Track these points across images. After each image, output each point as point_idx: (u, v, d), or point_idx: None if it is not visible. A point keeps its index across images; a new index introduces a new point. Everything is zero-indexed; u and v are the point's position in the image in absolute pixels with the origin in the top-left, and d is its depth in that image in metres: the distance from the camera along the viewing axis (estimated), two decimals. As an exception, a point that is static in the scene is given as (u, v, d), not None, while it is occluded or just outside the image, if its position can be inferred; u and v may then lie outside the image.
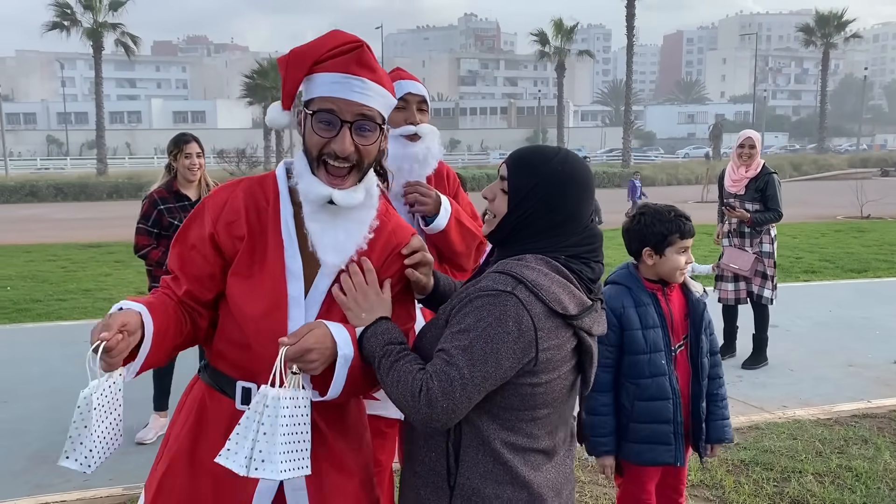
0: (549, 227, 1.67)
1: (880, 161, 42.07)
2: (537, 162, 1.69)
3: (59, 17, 33.16)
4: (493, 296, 1.56)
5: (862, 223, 16.71)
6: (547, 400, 1.64)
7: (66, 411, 5.20)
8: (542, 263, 1.64)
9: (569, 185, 1.68)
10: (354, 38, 1.66)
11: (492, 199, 1.75)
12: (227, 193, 1.72)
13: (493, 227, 1.74)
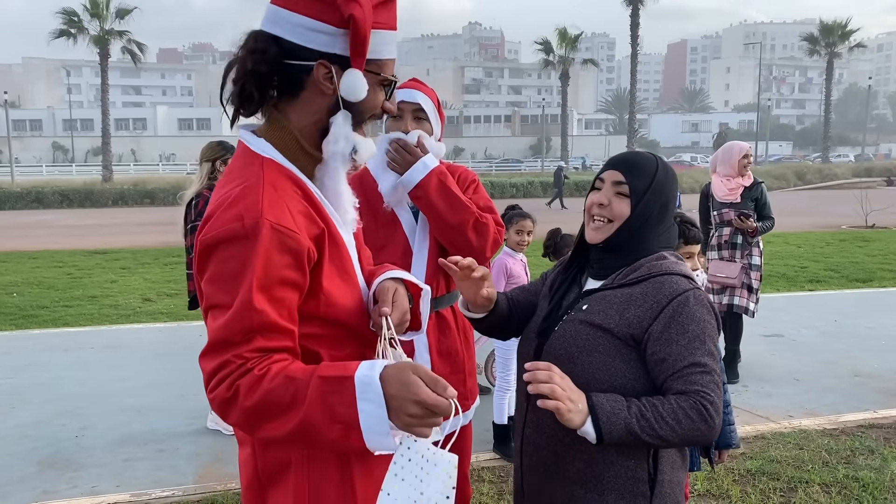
0: (661, 223, 1.79)
1: (884, 170, 42.02)
2: (649, 165, 1.80)
3: (66, 25, 33.34)
4: (691, 296, 1.67)
5: (866, 233, 16.67)
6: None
7: (73, 417, 5.26)
8: (675, 258, 1.79)
9: (674, 183, 1.82)
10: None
11: (607, 205, 1.78)
12: (278, 206, 1.39)
13: (612, 231, 1.77)
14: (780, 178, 37.43)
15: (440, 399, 1.28)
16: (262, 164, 1.44)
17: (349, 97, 1.44)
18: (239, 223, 1.34)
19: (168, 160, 61.86)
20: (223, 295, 1.35)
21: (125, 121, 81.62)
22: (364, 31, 1.39)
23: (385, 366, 1.32)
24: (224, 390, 1.32)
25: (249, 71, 1.41)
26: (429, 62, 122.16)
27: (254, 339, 1.33)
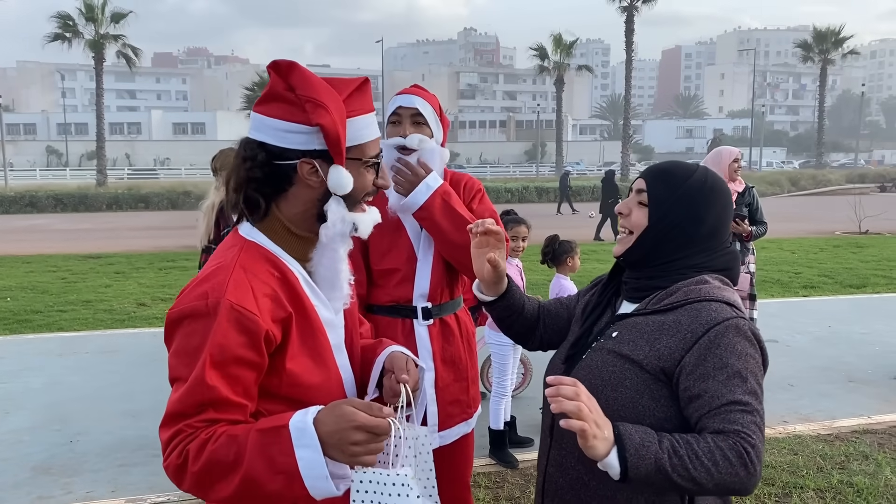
0: (691, 241, 1.61)
1: (878, 177, 42.23)
2: (679, 173, 1.64)
3: (61, 29, 33.30)
4: (731, 326, 1.48)
5: (860, 239, 16.74)
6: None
7: (68, 423, 5.24)
8: (721, 282, 1.60)
9: (715, 196, 1.63)
10: (350, 79, 1.60)
11: (627, 214, 1.66)
12: (243, 288, 1.45)
13: (631, 243, 1.64)
14: (773, 185, 37.57)
15: (379, 420, 1.34)
16: (241, 246, 1.52)
17: (337, 191, 1.52)
18: (203, 301, 1.42)
19: (162, 164, 61.78)
20: (183, 369, 1.41)
21: (120, 125, 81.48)
22: (335, 134, 1.48)
23: (319, 409, 1.39)
24: (176, 457, 1.38)
25: (246, 179, 1.52)
26: (424, 67, 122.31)
27: (205, 411, 1.40)
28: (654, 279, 1.62)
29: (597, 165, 61.87)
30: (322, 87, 1.49)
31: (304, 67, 1.52)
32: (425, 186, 2.49)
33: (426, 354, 2.58)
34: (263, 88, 1.58)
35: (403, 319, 2.58)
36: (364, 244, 2.53)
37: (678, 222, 1.60)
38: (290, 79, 1.50)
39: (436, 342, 2.60)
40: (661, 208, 1.61)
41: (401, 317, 2.58)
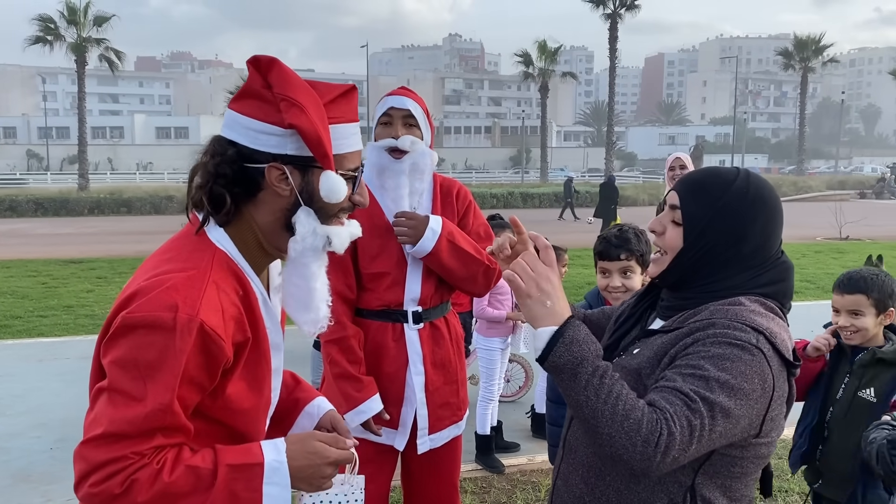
0: (735, 260, 1.45)
1: (857, 183, 42.75)
2: (717, 185, 1.46)
3: (43, 32, 32.98)
4: (739, 347, 1.34)
5: (841, 244, 16.92)
6: (769, 458, 1.48)
7: (48, 429, 5.17)
8: (761, 306, 1.43)
9: (758, 209, 1.44)
10: (337, 84, 1.51)
11: (661, 233, 1.51)
12: (215, 308, 1.35)
13: (666, 265, 1.49)
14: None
15: (344, 452, 1.43)
16: (213, 255, 1.40)
17: (329, 199, 1.42)
18: (171, 314, 1.29)
19: (145, 169, 61.35)
20: (132, 384, 1.28)
21: (102, 129, 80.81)
22: (315, 135, 1.36)
23: (286, 444, 1.39)
24: (116, 486, 1.26)
25: (213, 174, 1.40)
26: (409, 73, 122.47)
27: (154, 436, 1.29)
28: (689, 299, 1.49)
29: (580, 172, 62.17)
30: (301, 88, 1.39)
31: (286, 66, 1.41)
32: (431, 232, 2.50)
33: (417, 358, 2.58)
34: (246, 89, 1.48)
35: (394, 323, 2.57)
36: (354, 248, 2.52)
37: (717, 242, 1.44)
38: (269, 76, 1.40)
39: (426, 346, 2.60)
40: (696, 228, 1.45)
41: (391, 321, 2.57)
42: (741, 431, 1.36)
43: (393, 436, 2.60)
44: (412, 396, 2.58)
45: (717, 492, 1.43)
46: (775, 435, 1.44)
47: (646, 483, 1.42)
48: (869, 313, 2.58)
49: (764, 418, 1.38)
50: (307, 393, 1.71)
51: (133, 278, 1.42)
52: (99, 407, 1.31)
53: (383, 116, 2.52)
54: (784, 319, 1.47)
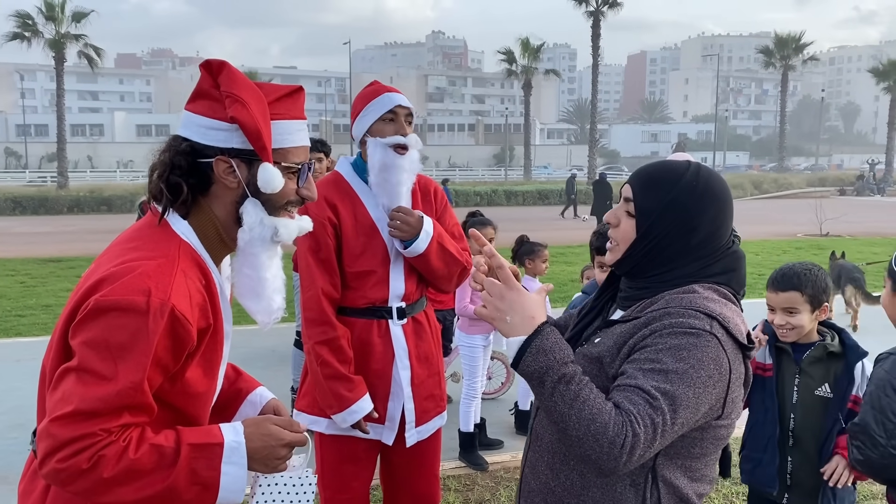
0: (687, 250, 1.51)
1: (837, 180, 43.21)
2: (667, 178, 1.52)
3: (20, 28, 32.56)
4: (693, 335, 1.39)
5: (821, 240, 17.08)
6: (728, 438, 1.53)
7: (26, 430, 5.06)
8: (714, 293, 1.49)
9: (707, 202, 1.50)
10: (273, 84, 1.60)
11: (616, 225, 1.57)
12: (184, 295, 1.43)
13: (620, 255, 1.56)
14: (737, 188, 38.20)
15: (298, 435, 1.52)
16: (179, 246, 1.48)
17: (265, 190, 1.50)
18: (144, 298, 1.35)
19: (126, 167, 60.81)
20: (101, 363, 1.33)
21: (81, 126, 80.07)
22: (254, 127, 1.45)
23: (244, 426, 1.48)
24: (83, 461, 1.31)
25: (169, 165, 1.49)
26: (392, 70, 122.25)
27: (122, 415, 1.35)
28: (645, 288, 1.55)
29: (564, 169, 62.38)
30: (246, 86, 1.49)
31: (236, 68, 1.52)
32: (425, 234, 2.56)
33: (402, 353, 2.62)
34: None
35: (379, 320, 2.60)
36: (339, 246, 2.55)
37: (668, 234, 1.51)
38: (219, 77, 1.50)
39: (410, 340, 2.64)
40: (648, 220, 1.52)
41: (376, 318, 2.60)
42: (703, 416, 1.42)
43: (381, 431, 2.62)
44: (399, 391, 2.61)
45: (678, 472, 1.48)
46: (735, 416, 1.51)
47: None
48: (804, 310, 2.50)
49: (724, 401, 1.44)
50: (248, 383, 1.78)
51: (95, 265, 1.48)
52: (67, 386, 1.34)
53: (388, 113, 2.54)
54: (738, 305, 1.54)
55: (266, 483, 1.55)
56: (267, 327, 1.66)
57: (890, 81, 45.12)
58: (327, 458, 2.64)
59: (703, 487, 1.53)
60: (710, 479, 1.55)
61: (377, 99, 2.55)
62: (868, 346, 2.58)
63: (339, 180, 2.62)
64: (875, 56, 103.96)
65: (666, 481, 1.46)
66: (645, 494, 1.46)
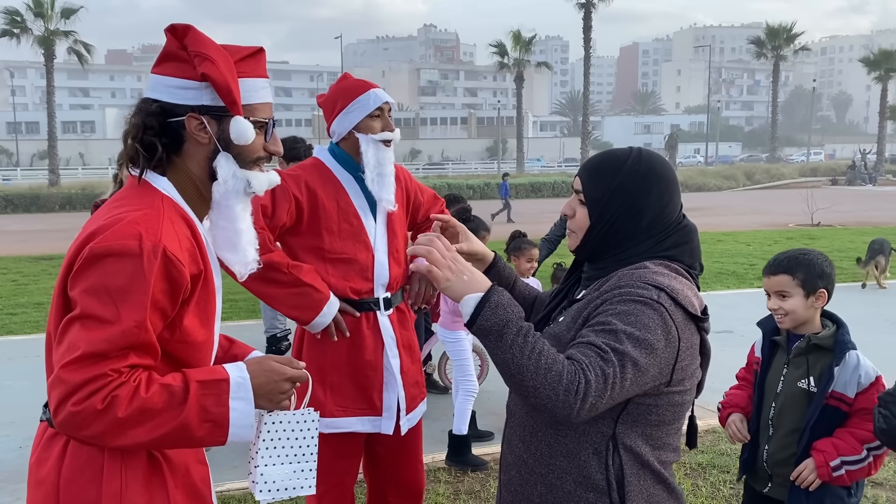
0: (638, 231, 1.60)
1: (829, 170, 43.33)
2: (610, 166, 1.62)
3: (9, 25, 32.35)
4: (641, 303, 1.48)
5: (812, 231, 17.16)
6: (687, 407, 1.61)
7: (17, 428, 5.10)
8: (664, 268, 1.58)
9: (651, 182, 1.59)
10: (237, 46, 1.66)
11: (572, 216, 1.67)
12: (173, 238, 1.48)
13: (578, 242, 1.66)
14: (729, 178, 38.29)
15: (300, 371, 1.58)
16: (162, 199, 1.54)
17: (238, 141, 1.57)
18: (136, 241, 1.41)
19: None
20: (103, 308, 1.38)
21: (73, 123, 79.69)
22: (224, 83, 1.52)
23: (247, 364, 1.54)
24: (98, 402, 1.35)
25: (141, 126, 1.55)
26: (384, 64, 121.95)
27: (128, 355, 1.40)
28: (602, 269, 1.64)
29: (557, 162, 62.36)
30: (212, 46, 1.55)
31: (200, 31, 1.58)
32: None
33: (391, 342, 2.67)
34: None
35: (367, 312, 2.65)
36: (306, 227, 2.59)
37: (618, 217, 1.60)
38: (185, 39, 1.56)
39: (396, 329, 2.70)
40: (597, 207, 1.61)
41: (364, 310, 2.64)
42: (651, 379, 1.48)
43: (379, 422, 2.66)
44: (392, 380, 2.66)
45: (638, 440, 1.55)
46: (689, 384, 1.58)
47: (571, 435, 1.55)
48: (796, 294, 2.45)
49: (673, 368, 1.51)
50: (243, 349, 1.83)
51: (86, 226, 1.53)
52: (73, 334, 1.39)
53: (377, 110, 2.63)
54: (690, 279, 1.62)
55: (271, 420, 1.60)
56: (244, 278, 1.75)
57: (881, 71, 45.21)
58: (321, 455, 2.66)
59: (667, 455, 1.60)
60: (672, 448, 1.62)
61: (363, 96, 2.61)
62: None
63: (321, 166, 2.66)
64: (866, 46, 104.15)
65: (627, 448, 1.54)
66: (608, 461, 1.53)
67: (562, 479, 1.56)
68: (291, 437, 1.63)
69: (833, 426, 2.41)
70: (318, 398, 2.55)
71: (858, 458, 2.35)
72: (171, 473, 1.58)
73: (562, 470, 1.56)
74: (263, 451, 1.60)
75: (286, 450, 1.62)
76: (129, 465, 1.50)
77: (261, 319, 5.83)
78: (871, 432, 2.29)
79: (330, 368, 2.61)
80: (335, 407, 2.59)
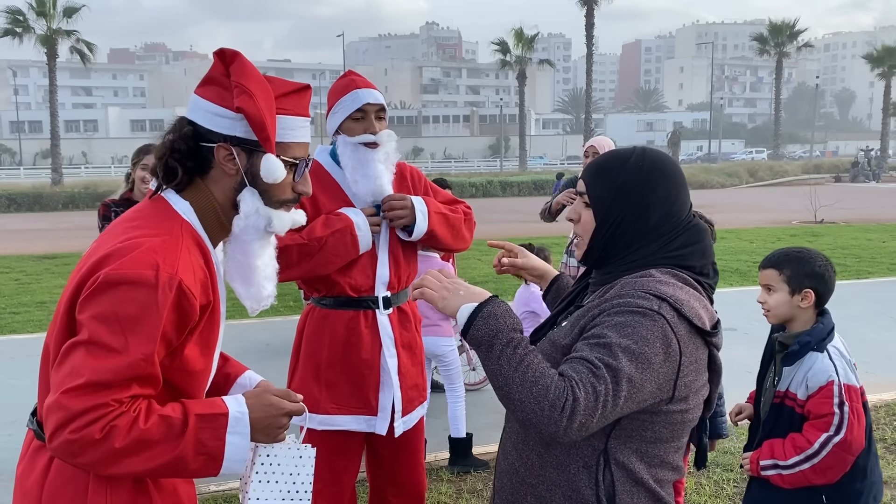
0: (645, 231, 1.54)
1: (832, 167, 43.22)
2: (614, 164, 1.57)
3: (11, 24, 32.36)
4: (639, 314, 1.41)
5: (816, 227, 17.11)
6: (690, 425, 1.54)
7: (21, 427, 5.07)
8: (671, 277, 1.51)
9: (657, 180, 1.54)
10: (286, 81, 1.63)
11: (577, 220, 1.62)
12: (190, 270, 1.47)
13: (585, 247, 1.61)
14: (732, 175, 38.20)
15: (298, 405, 1.57)
16: (181, 225, 1.52)
17: (267, 179, 1.54)
18: (152, 271, 1.39)
19: (121, 162, 60.60)
20: (112, 337, 1.36)
21: (76, 122, 79.79)
22: (259, 118, 1.48)
23: (245, 398, 1.52)
24: (96, 431, 1.34)
25: (170, 148, 1.53)
26: (386, 62, 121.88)
27: (132, 385, 1.38)
28: (609, 274, 1.59)
29: (559, 159, 62.27)
30: (256, 78, 1.52)
31: (248, 60, 1.56)
32: (421, 214, 2.61)
33: (389, 342, 2.64)
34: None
35: (366, 311, 2.63)
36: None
37: (624, 216, 1.54)
38: (231, 66, 1.54)
39: (396, 329, 2.68)
40: (602, 206, 1.56)
41: (363, 308, 2.63)
42: (649, 396, 1.42)
43: (374, 422, 2.64)
44: (389, 381, 2.64)
45: (632, 456, 1.48)
46: (693, 402, 1.49)
47: (561, 447, 1.50)
48: (780, 290, 2.43)
49: (675, 384, 1.44)
50: (236, 367, 1.82)
51: (98, 243, 1.51)
52: (77, 359, 1.36)
53: (357, 112, 2.55)
54: (700, 290, 1.54)
55: (265, 454, 1.58)
56: (255, 313, 1.71)
57: (884, 67, 45.08)
58: (318, 453, 2.66)
59: (664, 473, 1.53)
60: (672, 466, 1.54)
61: (346, 96, 2.57)
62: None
63: (319, 169, 2.64)
64: (870, 42, 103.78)
65: (620, 464, 1.48)
66: (598, 476, 1.47)
67: (551, 492, 1.51)
68: (286, 473, 1.60)
69: (791, 426, 2.39)
70: (314, 394, 2.56)
71: (788, 463, 2.33)
72: (157, 493, 1.55)
73: (551, 482, 1.51)
74: (256, 485, 1.57)
75: (279, 485, 1.59)
76: (115, 484, 1.48)
77: (263, 319, 5.82)
78: (812, 441, 2.28)
79: (326, 365, 2.60)
80: (330, 404, 2.58)
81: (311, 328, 2.65)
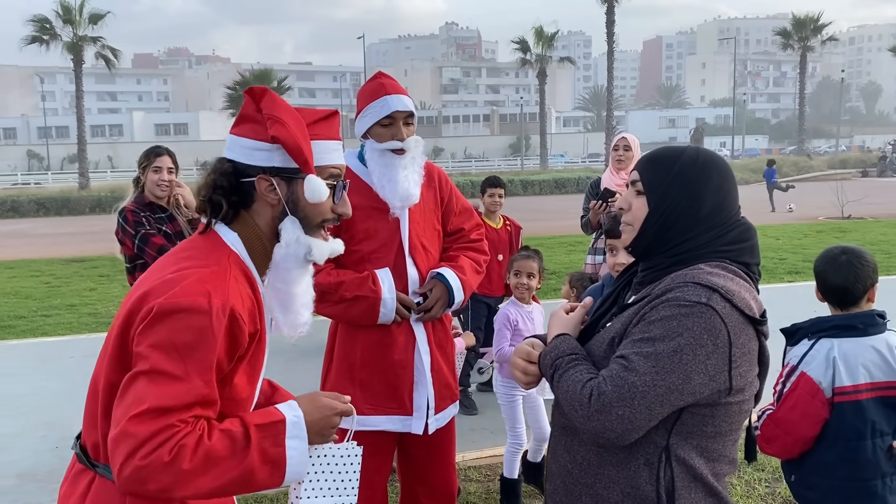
0: (697, 220, 1.56)
1: (859, 162, 42.55)
2: (670, 156, 1.62)
3: (39, 32, 32.86)
4: (686, 306, 1.44)
5: (843, 223, 16.87)
6: (745, 416, 1.56)
7: (53, 428, 5.18)
8: (721, 269, 1.53)
9: (710, 171, 1.58)
10: (318, 110, 1.71)
11: (627, 209, 1.64)
12: (240, 298, 1.52)
13: (635, 234, 1.62)
14: (756, 172, 37.74)
15: (347, 405, 1.64)
16: (229, 256, 1.58)
17: (312, 199, 1.60)
18: (205, 299, 1.44)
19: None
20: (171, 364, 1.40)
21: (101, 127, 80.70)
22: (294, 143, 1.55)
23: (299, 402, 1.58)
24: (165, 454, 1.36)
25: (212, 186, 1.60)
26: (406, 63, 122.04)
27: (194, 408, 1.42)
28: (658, 270, 1.59)
29: (581, 157, 61.97)
30: (285, 108, 1.59)
31: (276, 94, 1.64)
32: (457, 291, 2.70)
33: (423, 339, 2.68)
34: (245, 88, 1.71)
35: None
36: (360, 242, 2.63)
37: (677, 203, 1.57)
38: (261, 102, 1.61)
39: (428, 328, 2.71)
40: (657, 192, 1.59)
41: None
42: (700, 386, 1.43)
43: (409, 422, 2.66)
44: (423, 380, 2.66)
45: (692, 452, 1.49)
46: (748, 393, 1.51)
47: (622, 446, 1.50)
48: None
49: (730, 374, 1.45)
50: (284, 398, 1.83)
51: (148, 274, 1.56)
52: (139, 388, 1.40)
53: (385, 118, 2.57)
54: (749, 282, 1.57)
55: (316, 454, 1.61)
56: (292, 339, 1.75)
57: (912, 60, 44.31)
58: None
59: (722, 468, 1.55)
60: (729, 460, 1.57)
61: (376, 102, 2.58)
62: None
63: (347, 172, 2.64)
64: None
65: (680, 460, 1.49)
66: (659, 473, 1.49)
67: (609, 489, 1.53)
68: (335, 472, 1.64)
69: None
70: (349, 395, 2.57)
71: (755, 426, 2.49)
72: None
73: (609, 480, 1.53)
74: (307, 484, 1.60)
75: (328, 483, 1.63)
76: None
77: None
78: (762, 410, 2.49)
79: (360, 366, 2.62)
80: (365, 405, 2.60)
81: (343, 329, 2.68)
